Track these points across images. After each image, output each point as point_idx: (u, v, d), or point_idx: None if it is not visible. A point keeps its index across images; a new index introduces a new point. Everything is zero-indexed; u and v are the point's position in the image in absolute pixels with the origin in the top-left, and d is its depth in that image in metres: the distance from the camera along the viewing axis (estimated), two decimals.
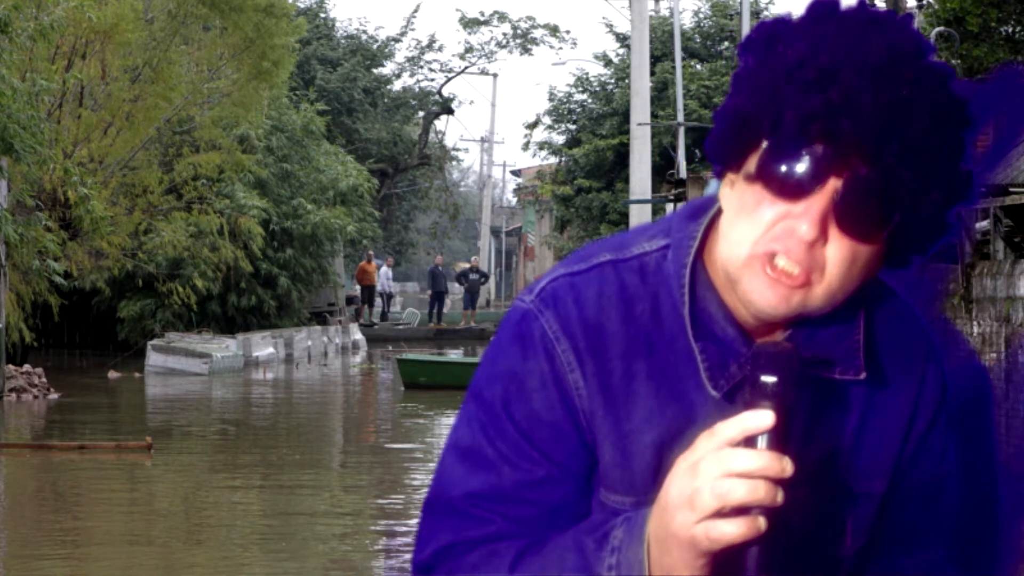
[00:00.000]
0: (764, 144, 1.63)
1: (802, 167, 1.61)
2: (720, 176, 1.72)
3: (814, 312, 1.66)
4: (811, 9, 1.66)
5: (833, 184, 1.61)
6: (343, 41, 52.61)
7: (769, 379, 1.56)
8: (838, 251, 1.63)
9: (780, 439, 1.53)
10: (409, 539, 11.92)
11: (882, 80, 1.59)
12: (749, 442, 1.53)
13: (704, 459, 1.54)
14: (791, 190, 1.62)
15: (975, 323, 14.39)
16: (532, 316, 1.75)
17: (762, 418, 1.53)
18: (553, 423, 1.73)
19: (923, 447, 1.80)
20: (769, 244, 1.63)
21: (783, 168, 1.61)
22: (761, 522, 1.52)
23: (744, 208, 1.65)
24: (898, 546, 1.82)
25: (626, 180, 34.32)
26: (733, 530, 1.52)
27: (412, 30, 77.37)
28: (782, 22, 1.66)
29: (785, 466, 1.52)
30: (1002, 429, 1.97)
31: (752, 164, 1.65)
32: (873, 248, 1.65)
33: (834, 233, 1.62)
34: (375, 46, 52.68)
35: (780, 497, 1.52)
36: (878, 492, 1.78)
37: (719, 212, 1.73)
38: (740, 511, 1.52)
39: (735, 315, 1.72)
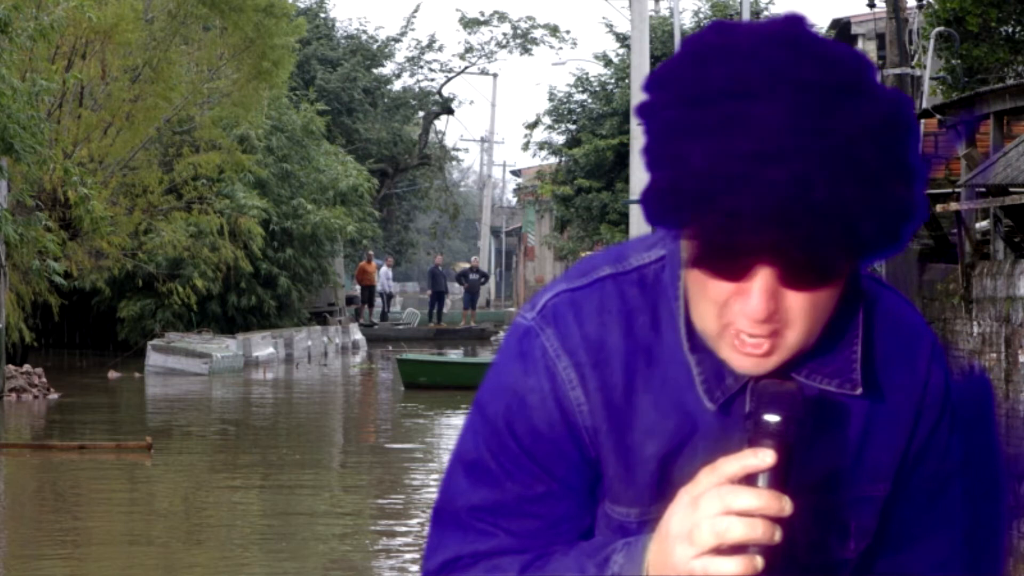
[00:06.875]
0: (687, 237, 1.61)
1: (728, 263, 1.58)
2: None
3: (800, 351, 1.65)
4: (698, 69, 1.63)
5: (769, 262, 1.58)
6: (343, 41, 52.59)
7: (772, 418, 1.57)
8: (798, 303, 1.61)
9: (781, 477, 1.55)
10: (409, 539, 11.94)
11: (781, 165, 1.52)
12: (750, 479, 1.55)
13: (705, 495, 1.56)
14: (727, 278, 1.60)
15: (975, 323, 14.37)
16: (534, 333, 1.76)
17: (764, 457, 1.55)
18: (554, 440, 1.73)
19: (928, 446, 1.81)
20: (728, 322, 1.62)
21: (711, 264, 1.59)
22: (758, 561, 1.53)
23: (697, 282, 1.64)
24: (903, 544, 1.83)
25: (626, 180, 34.32)
26: (730, 568, 1.53)
27: (412, 30, 77.36)
28: (668, 86, 1.68)
29: (784, 505, 1.54)
30: (1002, 430, 1.97)
31: (685, 250, 1.64)
32: (834, 284, 1.62)
33: (788, 292, 1.60)
34: (375, 46, 52.66)
35: (778, 536, 1.53)
36: (882, 494, 1.79)
37: None
38: (738, 548, 1.54)
39: None
